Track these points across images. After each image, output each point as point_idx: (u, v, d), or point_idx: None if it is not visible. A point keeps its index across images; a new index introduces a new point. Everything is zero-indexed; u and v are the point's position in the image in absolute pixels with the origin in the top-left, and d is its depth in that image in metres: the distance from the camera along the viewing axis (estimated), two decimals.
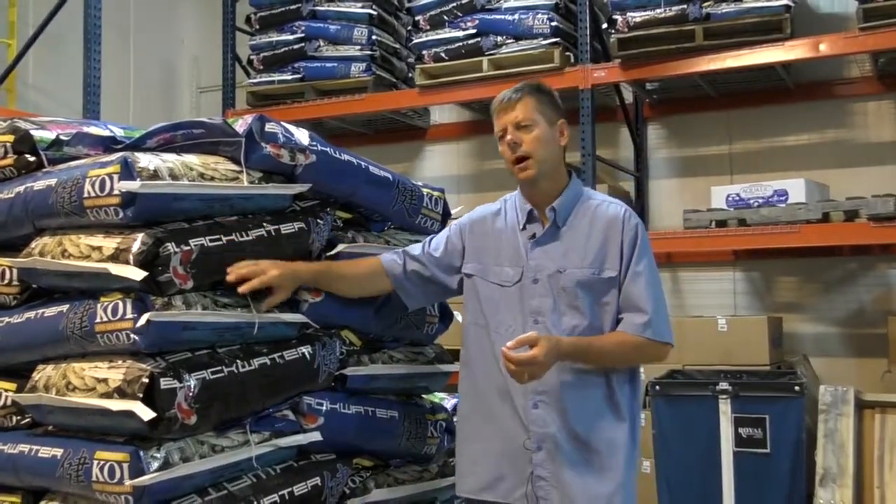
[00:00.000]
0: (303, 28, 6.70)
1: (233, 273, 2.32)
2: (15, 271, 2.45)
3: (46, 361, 2.36)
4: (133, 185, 2.13)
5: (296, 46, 6.72)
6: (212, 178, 2.30)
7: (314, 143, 2.50)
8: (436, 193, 2.89)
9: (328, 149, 2.53)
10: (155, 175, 2.18)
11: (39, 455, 2.27)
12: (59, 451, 2.23)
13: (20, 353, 2.42)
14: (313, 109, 6.68)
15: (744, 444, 4.56)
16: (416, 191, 2.81)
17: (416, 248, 2.68)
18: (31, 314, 2.38)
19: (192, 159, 2.31)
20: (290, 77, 6.74)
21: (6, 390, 2.46)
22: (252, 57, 6.93)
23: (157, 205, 2.20)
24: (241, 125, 2.37)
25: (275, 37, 6.80)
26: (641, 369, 5.03)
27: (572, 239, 2.50)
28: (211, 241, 2.26)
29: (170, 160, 2.25)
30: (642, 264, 2.47)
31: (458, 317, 2.97)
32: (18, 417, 2.44)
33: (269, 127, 2.40)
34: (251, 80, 6.93)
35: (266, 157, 2.38)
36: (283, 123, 2.47)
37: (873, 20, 5.05)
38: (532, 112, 2.49)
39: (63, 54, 6.52)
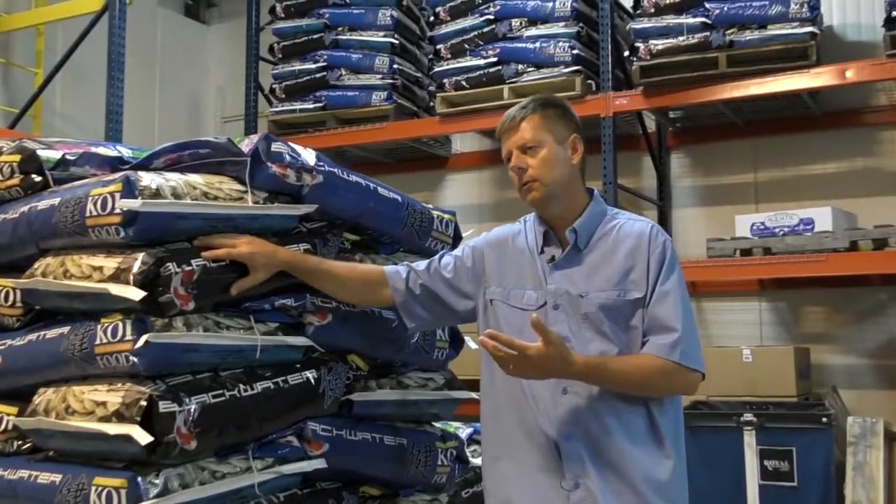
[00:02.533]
0: (325, 57, 6.74)
1: (198, 243, 2.23)
2: (18, 293, 2.42)
3: (48, 385, 2.33)
4: (134, 204, 2.10)
5: (318, 75, 6.75)
6: (216, 198, 2.26)
7: (321, 163, 2.46)
8: (446, 216, 2.84)
9: (336, 169, 2.49)
10: (157, 194, 2.15)
11: (38, 481, 2.22)
12: (57, 477, 2.18)
13: (22, 376, 2.39)
14: (334, 138, 6.69)
15: (770, 477, 4.46)
16: (426, 213, 2.75)
17: (422, 265, 2.51)
18: (32, 336, 2.36)
19: (196, 178, 2.28)
20: (311, 106, 6.76)
21: (7, 414, 2.43)
22: (274, 86, 6.96)
23: (159, 224, 2.16)
24: (247, 144, 2.34)
25: (297, 66, 6.84)
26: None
27: (595, 261, 2.32)
28: (214, 260, 2.21)
29: (173, 179, 2.22)
30: (670, 282, 2.28)
31: (470, 342, 2.90)
32: (20, 442, 2.40)
33: (275, 147, 2.36)
34: (273, 109, 6.96)
35: (272, 176, 2.34)
36: (289, 144, 2.44)
37: None
38: (538, 131, 2.32)
39: (89, 83, 6.60)
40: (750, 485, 4.46)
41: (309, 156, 2.44)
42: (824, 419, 4.37)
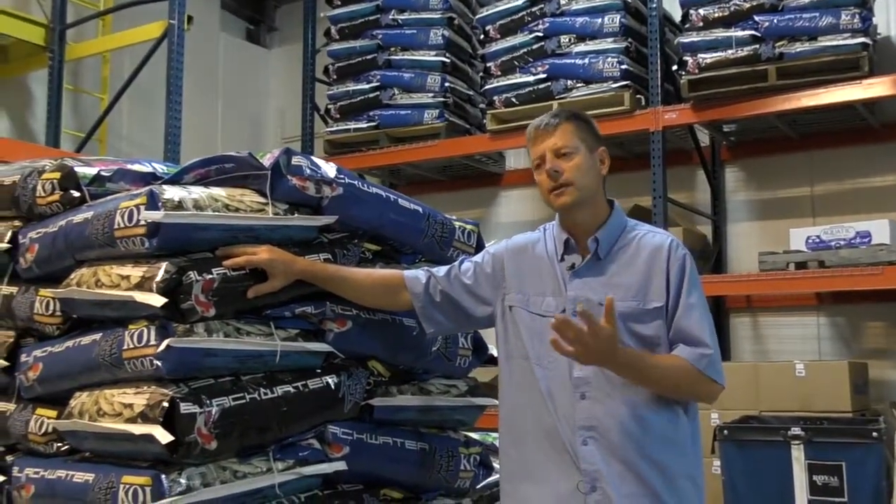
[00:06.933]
0: (378, 77, 6.87)
1: (220, 253, 2.32)
2: (57, 302, 2.55)
3: (83, 389, 2.44)
4: (156, 215, 2.21)
5: (371, 95, 6.88)
6: (237, 210, 2.35)
7: (341, 176, 2.53)
8: (469, 227, 2.89)
9: (355, 182, 2.57)
10: (179, 206, 2.25)
11: (74, 480, 2.33)
12: (90, 476, 2.29)
13: (61, 381, 2.51)
14: (387, 156, 6.80)
15: (819, 493, 4.39)
16: (447, 223, 2.81)
17: (441, 270, 2.56)
18: (69, 343, 2.47)
19: (219, 191, 2.37)
20: (365, 125, 6.89)
21: (47, 417, 2.54)
22: (329, 106, 7.12)
23: (181, 234, 2.26)
24: (268, 158, 2.43)
25: (351, 86, 6.99)
26: (716, 415, 4.95)
27: (615, 271, 2.36)
28: (234, 269, 2.31)
29: (196, 192, 2.32)
30: (694, 296, 2.32)
31: (494, 350, 2.94)
32: (59, 444, 2.51)
33: (295, 160, 2.45)
34: (328, 129, 7.12)
35: (292, 189, 2.43)
36: (310, 157, 2.52)
37: None
38: (572, 138, 2.38)
39: (154, 107, 6.83)
40: (799, 500, 4.39)
41: (329, 169, 2.52)
42: (874, 434, 4.28)
